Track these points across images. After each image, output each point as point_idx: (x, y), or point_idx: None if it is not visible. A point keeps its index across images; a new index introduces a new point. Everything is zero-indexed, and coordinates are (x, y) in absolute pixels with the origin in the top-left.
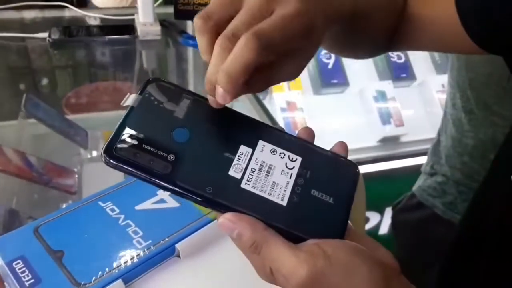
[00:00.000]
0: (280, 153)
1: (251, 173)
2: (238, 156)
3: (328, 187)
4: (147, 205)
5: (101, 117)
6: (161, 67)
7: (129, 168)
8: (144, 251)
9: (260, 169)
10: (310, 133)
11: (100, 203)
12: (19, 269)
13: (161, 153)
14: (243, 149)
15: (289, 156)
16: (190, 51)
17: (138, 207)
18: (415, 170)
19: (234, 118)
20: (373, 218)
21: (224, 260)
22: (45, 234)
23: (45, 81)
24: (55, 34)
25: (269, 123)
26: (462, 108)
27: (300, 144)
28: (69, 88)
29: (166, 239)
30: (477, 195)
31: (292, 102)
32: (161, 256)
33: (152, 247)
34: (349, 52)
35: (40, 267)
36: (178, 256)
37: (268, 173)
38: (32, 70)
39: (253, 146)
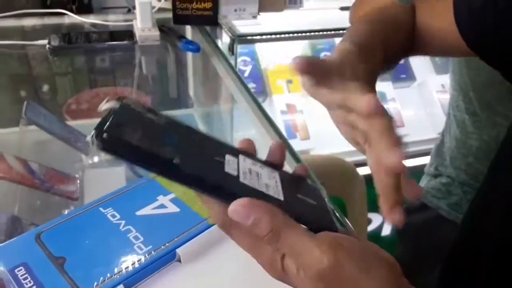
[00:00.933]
0: (260, 166)
1: (244, 174)
2: (227, 161)
3: (308, 194)
4: (148, 210)
5: None
6: (160, 72)
7: (126, 152)
8: (145, 256)
9: (250, 173)
10: (250, 143)
11: (101, 209)
12: (21, 275)
13: (159, 141)
14: (229, 157)
15: (268, 168)
16: (189, 55)
17: (138, 213)
18: (417, 171)
19: (211, 140)
20: (375, 219)
21: (224, 264)
22: (47, 241)
23: (45, 88)
24: (54, 41)
25: (268, 126)
26: (465, 110)
27: (270, 164)
28: (70, 95)
29: (167, 244)
30: (478, 195)
31: (292, 105)
32: (162, 261)
33: (153, 252)
34: None
35: (42, 274)
36: (179, 261)
37: (258, 176)
38: (33, 77)
39: (236, 157)
